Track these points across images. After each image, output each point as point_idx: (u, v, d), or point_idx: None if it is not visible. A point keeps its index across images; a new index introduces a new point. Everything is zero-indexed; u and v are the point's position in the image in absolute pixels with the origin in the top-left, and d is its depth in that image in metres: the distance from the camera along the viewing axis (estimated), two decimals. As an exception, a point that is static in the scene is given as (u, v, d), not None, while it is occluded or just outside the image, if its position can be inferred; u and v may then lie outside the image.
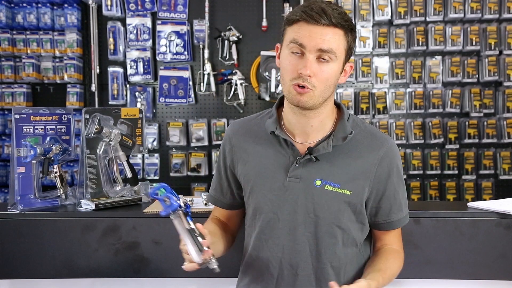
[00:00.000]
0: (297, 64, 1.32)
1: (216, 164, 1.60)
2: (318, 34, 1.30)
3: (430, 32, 3.63)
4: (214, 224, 1.54)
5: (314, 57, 1.31)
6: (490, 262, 1.75)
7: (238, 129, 1.53)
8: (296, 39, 1.31)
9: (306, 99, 1.33)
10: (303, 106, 1.35)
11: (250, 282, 1.49)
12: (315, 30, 1.30)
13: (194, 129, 3.78)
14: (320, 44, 1.29)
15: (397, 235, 1.51)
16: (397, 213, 1.46)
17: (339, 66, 1.35)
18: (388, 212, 1.45)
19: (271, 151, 1.45)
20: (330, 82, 1.34)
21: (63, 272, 1.82)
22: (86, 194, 1.88)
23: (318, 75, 1.31)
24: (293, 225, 1.41)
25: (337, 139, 1.40)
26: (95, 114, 1.88)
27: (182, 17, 3.72)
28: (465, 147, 3.71)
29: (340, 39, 1.32)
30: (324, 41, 1.30)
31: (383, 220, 1.46)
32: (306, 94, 1.32)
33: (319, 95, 1.34)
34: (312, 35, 1.30)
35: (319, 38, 1.30)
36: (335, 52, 1.31)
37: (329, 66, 1.32)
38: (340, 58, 1.34)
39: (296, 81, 1.32)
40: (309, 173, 1.40)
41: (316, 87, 1.32)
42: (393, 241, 1.50)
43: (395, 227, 1.47)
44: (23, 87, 3.80)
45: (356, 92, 3.73)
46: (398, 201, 1.46)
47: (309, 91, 1.32)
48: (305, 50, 1.31)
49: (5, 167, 3.82)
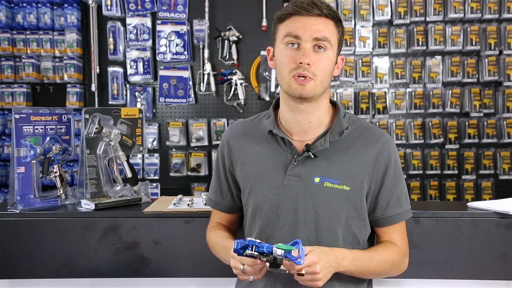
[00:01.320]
0: (294, 55, 1.35)
1: (215, 167, 1.60)
2: (312, 24, 1.34)
3: (430, 32, 3.63)
4: (221, 231, 1.55)
5: (311, 46, 1.35)
6: (490, 262, 1.75)
7: (236, 132, 1.54)
8: (291, 32, 1.35)
9: (308, 89, 1.35)
10: (305, 97, 1.36)
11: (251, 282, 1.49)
12: (308, 21, 1.35)
13: (194, 129, 3.78)
14: (315, 33, 1.34)
15: (398, 232, 1.48)
16: (395, 207, 1.45)
17: (334, 55, 1.39)
18: (385, 206, 1.44)
19: (269, 151, 1.45)
20: (328, 71, 1.38)
21: (63, 272, 1.82)
22: (86, 194, 1.88)
23: (316, 64, 1.35)
24: (293, 223, 1.41)
25: (334, 135, 1.41)
26: (95, 114, 1.89)
27: (182, 17, 3.72)
28: (465, 147, 3.71)
29: (332, 29, 1.37)
30: (318, 30, 1.34)
31: (381, 215, 1.45)
32: (308, 84, 1.35)
33: (320, 84, 1.37)
34: (306, 26, 1.34)
35: (313, 28, 1.34)
36: (329, 40, 1.36)
37: (326, 54, 1.36)
38: (334, 46, 1.38)
39: (296, 71, 1.35)
40: (307, 171, 1.40)
41: (317, 76, 1.35)
42: (393, 237, 1.47)
43: (393, 222, 1.46)
44: (23, 87, 3.80)
45: (356, 92, 3.73)
46: (395, 196, 1.45)
47: (310, 80, 1.35)
48: (301, 41, 1.34)
49: (5, 167, 3.82)
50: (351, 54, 3.68)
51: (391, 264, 1.43)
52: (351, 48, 3.64)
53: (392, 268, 1.44)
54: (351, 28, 3.63)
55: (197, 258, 1.77)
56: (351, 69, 3.65)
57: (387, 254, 1.43)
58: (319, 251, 1.29)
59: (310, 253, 1.26)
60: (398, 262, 1.45)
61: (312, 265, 1.25)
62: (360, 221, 1.44)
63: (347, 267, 1.35)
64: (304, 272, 1.24)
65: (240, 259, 1.26)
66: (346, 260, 1.34)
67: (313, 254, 1.26)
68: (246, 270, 1.27)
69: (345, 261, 1.34)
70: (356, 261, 1.36)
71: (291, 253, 1.19)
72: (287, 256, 1.19)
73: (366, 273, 1.42)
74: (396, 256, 1.44)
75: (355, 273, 1.38)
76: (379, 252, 1.42)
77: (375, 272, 1.42)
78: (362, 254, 1.39)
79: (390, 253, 1.43)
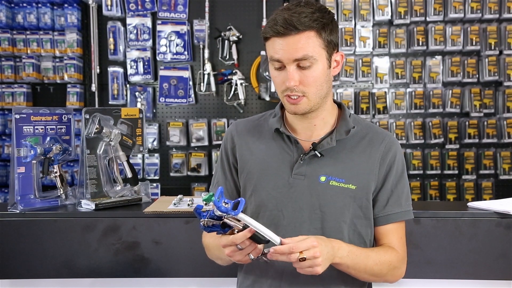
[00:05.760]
0: (282, 78, 1.35)
1: (218, 165, 1.57)
2: (290, 45, 1.31)
3: (430, 32, 3.62)
4: None
5: (295, 66, 1.33)
6: (490, 262, 1.75)
7: (241, 128, 1.54)
8: (273, 56, 1.34)
9: (302, 107, 1.36)
10: (301, 113, 1.38)
11: (254, 282, 1.48)
12: (286, 41, 1.31)
13: (194, 129, 3.78)
14: (294, 54, 1.31)
15: (397, 235, 1.46)
16: (394, 206, 1.44)
17: (323, 64, 1.36)
18: (384, 205, 1.44)
19: (275, 149, 1.45)
20: (319, 82, 1.36)
21: (63, 272, 1.82)
22: (86, 194, 1.88)
23: (304, 82, 1.34)
24: (298, 222, 1.41)
25: (340, 134, 1.42)
26: (95, 114, 1.89)
27: (182, 17, 3.72)
28: (465, 147, 3.71)
29: (314, 40, 1.32)
30: (297, 50, 1.31)
31: (380, 214, 1.44)
32: (301, 102, 1.36)
33: (313, 98, 1.36)
34: (284, 48, 1.32)
35: (292, 49, 1.31)
36: (311, 56, 1.32)
37: (312, 69, 1.34)
38: (321, 57, 1.34)
39: (286, 92, 1.36)
40: (313, 170, 1.40)
41: (307, 92, 1.35)
42: (392, 240, 1.45)
43: (391, 220, 1.44)
44: (23, 87, 3.80)
45: (356, 92, 3.73)
46: (395, 194, 1.44)
47: (302, 98, 1.35)
48: (284, 63, 1.34)
49: (5, 167, 3.82)
50: (351, 54, 3.67)
51: (388, 265, 1.41)
52: (351, 48, 3.64)
53: (389, 270, 1.42)
54: (351, 28, 3.63)
55: (197, 258, 1.76)
56: (351, 69, 3.65)
57: (384, 255, 1.41)
58: (316, 237, 1.27)
59: (308, 238, 1.25)
60: (396, 266, 1.43)
61: (311, 248, 1.22)
62: (365, 220, 1.43)
63: (343, 259, 1.32)
64: (306, 256, 1.21)
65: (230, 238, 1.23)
66: (342, 251, 1.32)
67: (311, 238, 1.25)
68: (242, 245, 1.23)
69: (341, 251, 1.32)
70: (353, 254, 1.34)
71: (219, 203, 1.16)
72: (216, 205, 1.17)
73: (362, 270, 1.38)
74: (393, 258, 1.42)
75: (351, 268, 1.35)
76: (376, 252, 1.41)
77: (372, 271, 1.39)
78: (358, 249, 1.37)
79: (387, 254, 1.41)
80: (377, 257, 1.39)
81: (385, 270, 1.41)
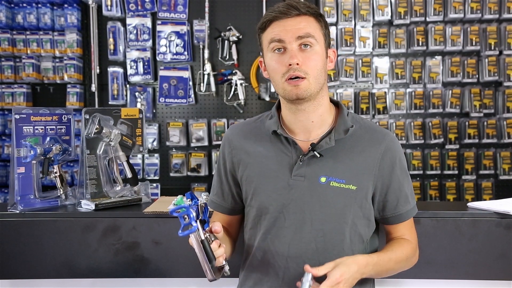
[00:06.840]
0: (283, 59, 1.36)
1: (216, 169, 1.59)
2: (292, 25, 1.36)
3: (430, 32, 3.63)
4: None
5: (297, 46, 1.36)
6: (490, 262, 1.75)
7: (238, 132, 1.54)
8: (274, 37, 1.37)
9: (303, 88, 1.36)
10: (302, 97, 1.37)
11: (255, 284, 1.49)
12: (288, 22, 1.36)
13: (194, 129, 3.78)
14: (297, 32, 1.35)
15: (408, 227, 1.51)
16: (404, 205, 1.47)
17: (322, 49, 1.39)
18: (395, 205, 1.46)
19: (273, 151, 1.45)
20: (319, 67, 1.38)
21: (63, 272, 1.82)
22: (86, 194, 1.88)
23: (306, 62, 1.35)
24: (299, 223, 1.41)
25: (339, 133, 1.42)
26: (95, 114, 1.89)
27: (182, 17, 3.72)
28: (465, 147, 3.71)
29: (314, 24, 1.38)
30: (300, 29, 1.35)
31: (391, 214, 1.47)
32: (302, 84, 1.35)
33: (314, 82, 1.37)
34: (287, 28, 1.36)
35: (294, 28, 1.35)
36: (313, 35, 1.36)
37: (313, 50, 1.37)
38: (320, 41, 1.38)
39: (287, 74, 1.36)
40: (313, 171, 1.40)
41: (309, 74, 1.36)
42: (404, 233, 1.50)
43: (403, 219, 1.48)
44: (23, 87, 3.80)
45: (356, 92, 3.73)
46: (404, 193, 1.46)
47: (303, 80, 1.35)
48: (286, 44, 1.36)
49: (5, 167, 3.82)
50: (351, 54, 3.68)
51: (406, 259, 1.47)
52: (351, 48, 3.64)
53: (407, 263, 1.48)
54: (351, 28, 3.63)
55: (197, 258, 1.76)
56: (351, 69, 3.65)
57: (402, 251, 1.45)
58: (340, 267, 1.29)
59: (333, 270, 1.27)
60: (412, 255, 1.49)
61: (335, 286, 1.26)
62: (365, 220, 1.44)
63: (368, 273, 1.36)
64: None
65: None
66: (368, 267, 1.35)
67: (336, 272, 1.27)
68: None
69: (367, 268, 1.35)
70: (378, 266, 1.38)
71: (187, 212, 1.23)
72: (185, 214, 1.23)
73: (384, 274, 1.45)
74: (409, 251, 1.48)
75: (374, 276, 1.42)
76: (395, 252, 1.44)
77: (393, 270, 1.46)
78: (381, 258, 1.40)
79: (404, 249, 1.46)
80: (397, 257, 1.44)
81: (403, 265, 1.47)
